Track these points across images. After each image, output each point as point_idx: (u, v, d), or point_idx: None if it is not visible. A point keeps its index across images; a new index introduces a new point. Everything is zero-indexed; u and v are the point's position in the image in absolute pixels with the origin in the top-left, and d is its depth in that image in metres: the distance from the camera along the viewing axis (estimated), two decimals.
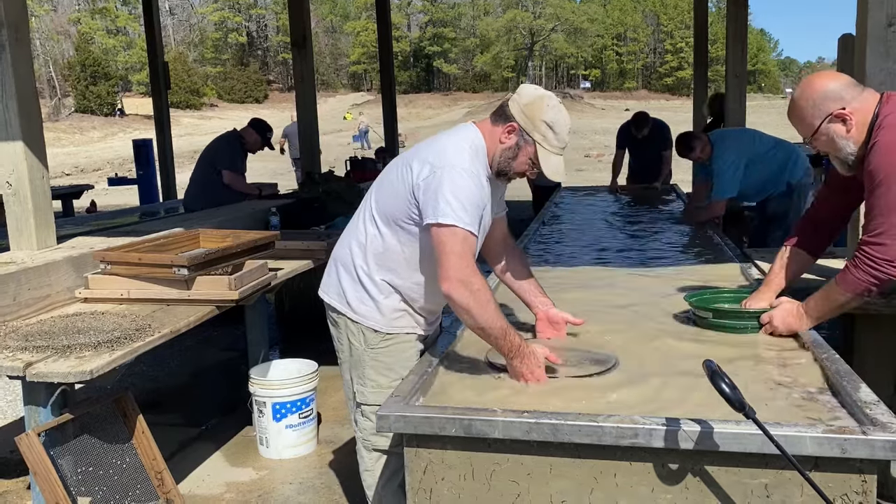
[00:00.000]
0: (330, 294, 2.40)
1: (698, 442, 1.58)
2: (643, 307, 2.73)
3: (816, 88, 2.20)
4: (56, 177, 19.01)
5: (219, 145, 6.20)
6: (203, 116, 42.39)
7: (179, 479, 3.26)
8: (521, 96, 2.17)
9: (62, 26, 51.73)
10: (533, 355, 2.00)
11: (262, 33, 62.52)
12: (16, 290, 3.06)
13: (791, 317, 2.28)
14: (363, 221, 2.31)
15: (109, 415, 2.87)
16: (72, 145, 31.98)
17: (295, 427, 3.61)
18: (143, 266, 3.24)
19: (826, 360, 2.00)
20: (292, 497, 3.27)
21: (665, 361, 2.12)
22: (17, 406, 4.32)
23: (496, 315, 2.00)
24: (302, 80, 7.59)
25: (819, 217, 2.53)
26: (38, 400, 2.59)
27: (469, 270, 2.00)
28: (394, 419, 1.75)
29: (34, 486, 2.60)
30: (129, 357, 2.63)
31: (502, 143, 2.17)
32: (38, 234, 3.59)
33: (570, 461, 1.68)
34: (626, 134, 7.35)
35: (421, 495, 1.78)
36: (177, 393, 4.61)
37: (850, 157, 2.21)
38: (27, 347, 2.63)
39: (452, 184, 2.04)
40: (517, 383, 1.99)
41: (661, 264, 3.58)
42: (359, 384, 2.34)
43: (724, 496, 1.61)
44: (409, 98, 51.32)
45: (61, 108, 40.56)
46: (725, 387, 1.47)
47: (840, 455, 1.53)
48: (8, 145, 3.50)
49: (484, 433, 1.69)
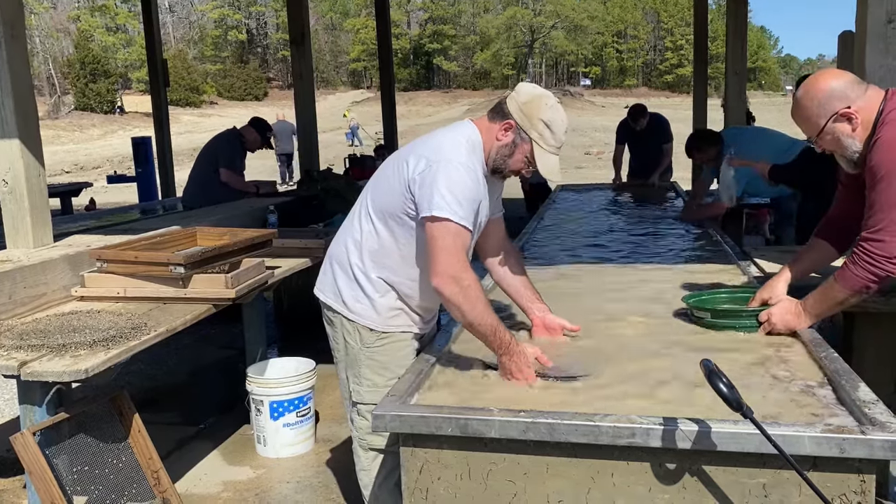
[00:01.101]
0: (326, 293, 2.38)
1: (696, 441, 1.57)
2: (640, 305, 2.71)
3: (821, 87, 2.18)
4: (55, 174, 19.00)
5: (218, 143, 6.19)
6: (202, 114, 42.34)
7: (176, 479, 3.25)
8: (519, 94, 2.17)
9: (62, 24, 51.69)
10: (522, 354, 2.00)
11: (261, 31, 62.44)
12: (11, 288, 3.05)
13: (790, 315, 2.27)
14: (359, 219, 2.30)
15: (105, 414, 2.85)
16: (71, 143, 31.95)
17: (292, 426, 3.60)
18: (140, 264, 3.23)
19: (825, 359, 1.99)
20: (290, 496, 3.26)
21: (662, 360, 2.11)
22: (13, 405, 4.31)
23: (486, 311, 2.00)
24: (301, 77, 7.58)
25: (837, 216, 2.49)
26: (34, 399, 2.58)
27: (459, 266, 2.00)
28: (389, 419, 1.74)
29: (30, 485, 2.59)
30: (124, 356, 2.61)
31: (499, 141, 2.17)
32: (35, 232, 3.59)
33: (566, 461, 1.67)
34: (626, 128, 7.34)
35: (417, 495, 1.77)
36: (174, 391, 4.60)
37: (855, 155, 2.19)
38: (22, 346, 2.62)
39: (448, 178, 2.04)
40: (513, 382, 1.97)
41: (659, 262, 3.57)
42: (355, 383, 2.33)
43: (722, 496, 1.60)
44: (408, 95, 51.26)
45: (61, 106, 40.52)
46: (723, 386, 1.46)
47: (839, 455, 1.52)
48: (4, 143, 3.49)
49: (480, 433, 1.68)
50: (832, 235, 2.46)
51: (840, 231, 2.45)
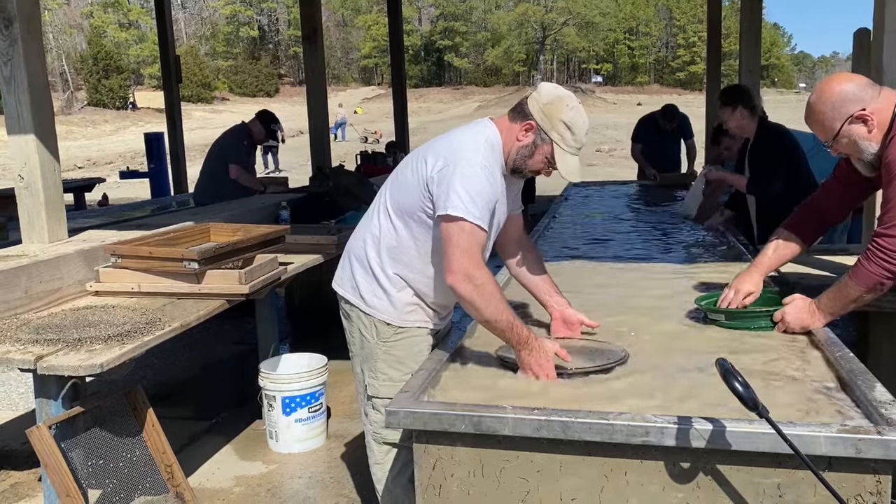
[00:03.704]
0: (343, 286, 2.40)
1: (710, 441, 1.56)
2: (654, 303, 2.71)
3: (834, 91, 2.16)
4: (68, 170, 19.11)
5: (227, 140, 6.23)
6: (214, 110, 42.47)
7: (189, 473, 3.28)
8: (540, 95, 2.17)
9: (75, 20, 51.97)
10: (542, 349, 2.00)
11: (273, 27, 62.58)
12: (27, 283, 3.08)
13: (804, 313, 2.26)
14: (377, 215, 2.31)
15: (120, 408, 2.88)
16: (84, 138, 32.12)
17: (304, 421, 3.62)
18: (154, 260, 3.25)
19: (840, 359, 1.97)
20: (301, 491, 3.28)
21: (676, 358, 2.11)
22: (29, 398, 4.35)
23: (502, 307, 2.01)
24: (312, 74, 7.59)
25: (820, 207, 2.50)
26: (49, 393, 2.60)
27: (473, 264, 2.01)
28: (403, 415, 1.75)
29: (45, 478, 2.61)
30: (139, 350, 2.64)
31: (519, 141, 2.17)
32: (50, 228, 3.61)
33: (580, 459, 1.67)
34: (649, 125, 7.26)
35: (430, 492, 1.77)
36: (187, 386, 4.62)
37: (872, 157, 2.18)
38: (38, 340, 2.65)
39: (464, 177, 2.05)
40: (528, 380, 1.97)
41: (674, 261, 3.56)
42: (370, 377, 2.34)
43: (736, 495, 1.60)
44: (419, 92, 51.23)
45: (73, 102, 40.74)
46: (738, 385, 1.45)
47: (854, 455, 1.51)
48: (20, 139, 3.51)
49: (494, 430, 1.68)
50: (803, 223, 2.47)
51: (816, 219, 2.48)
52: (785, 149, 4.07)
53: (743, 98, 4.16)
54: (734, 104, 4.11)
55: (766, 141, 4.08)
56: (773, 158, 4.01)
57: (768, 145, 4.07)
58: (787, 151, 4.06)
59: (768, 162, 4.02)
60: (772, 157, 4.02)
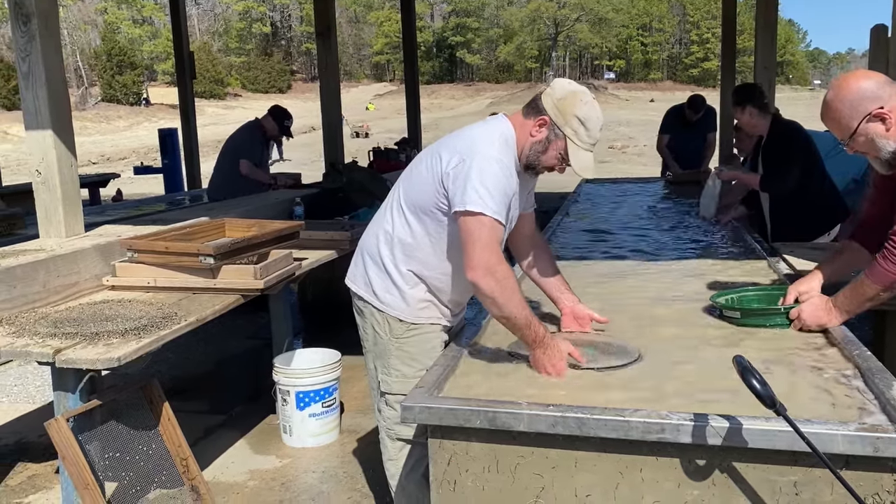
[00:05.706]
0: (356, 283, 2.41)
1: (726, 438, 1.56)
2: (668, 301, 2.70)
3: (852, 89, 2.14)
4: (82, 165, 19.22)
5: (239, 136, 6.28)
6: (227, 106, 42.65)
7: (204, 466, 3.30)
8: (554, 90, 2.16)
9: (89, 16, 52.28)
10: (556, 348, 2.01)
11: (285, 23, 62.72)
12: (45, 277, 3.11)
13: (820, 311, 2.25)
14: (391, 211, 2.31)
15: (136, 402, 2.90)
16: (98, 134, 32.35)
17: (318, 416, 3.63)
18: (170, 255, 3.27)
19: (857, 357, 1.97)
20: (315, 485, 3.29)
21: (690, 355, 2.10)
22: (46, 391, 4.40)
23: (521, 304, 2.02)
24: (326, 70, 7.59)
25: (868, 220, 2.45)
26: (67, 386, 2.62)
27: (495, 259, 2.01)
28: (418, 410, 1.75)
29: (63, 469, 2.64)
30: (155, 345, 2.65)
31: (533, 137, 2.17)
32: (67, 222, 3.64)
33: (595, 455, 1.67)
34: (676, 116, 7.21)
35: (445, 487, 1.78)
36: (202, 381, 4.66)
37: (890, 156, 2.16)
38: (56, 334, 2.67)
39: (481, 172, 2.05)
40: (543, 376, 1.98)
41: (687, 257, 3.54)
42: (383, 373, 2.35)
43: (752, 493, 1.59)
44: (431, 88, 51.23)
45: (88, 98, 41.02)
46: (756, 383, 1.45)
47: (872, 454, 1.50)
48: (37, 134, 3.54)
49: (509, 426, 1.69)
50: (866, 238, 2.42)
51: (873, 233, 2.40)
52: (798, 145, 4.05)
53: (753, 96, 4.14)
54: (744, 103, 4.12)
55: (779, 138, 4.07)
56: (786, 155, 4.00)
57: (781, 142, 4.05)
58: (800, 148, 4.04)
59: (782, 159, 4.01)
60: (785, 154, 4.01)
